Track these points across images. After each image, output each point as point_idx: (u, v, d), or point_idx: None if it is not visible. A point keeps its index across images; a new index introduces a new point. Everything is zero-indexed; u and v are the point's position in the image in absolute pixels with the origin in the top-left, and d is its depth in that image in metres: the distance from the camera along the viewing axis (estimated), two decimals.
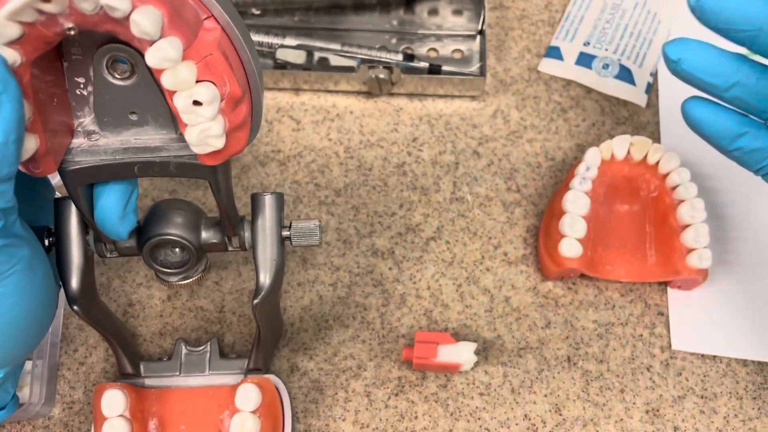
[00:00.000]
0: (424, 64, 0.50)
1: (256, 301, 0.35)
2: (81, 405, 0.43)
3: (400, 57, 0.50)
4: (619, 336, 0.44)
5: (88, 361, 0.44)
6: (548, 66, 0.52)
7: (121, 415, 0.37)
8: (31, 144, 0.26)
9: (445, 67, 0.50)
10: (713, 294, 0.45)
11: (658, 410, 0.42)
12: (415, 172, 0.49)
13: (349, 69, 0.49)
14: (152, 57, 0.24)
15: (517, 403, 0.43)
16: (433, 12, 0.53)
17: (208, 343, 0.42)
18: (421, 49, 0.52)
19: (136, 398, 0.38)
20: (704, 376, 0.43)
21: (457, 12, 0.53)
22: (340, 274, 0.46)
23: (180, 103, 0.25)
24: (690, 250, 0.43)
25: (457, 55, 0.52)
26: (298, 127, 0.50)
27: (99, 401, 0.37)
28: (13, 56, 0.24)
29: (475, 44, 0.52)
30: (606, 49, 0.52)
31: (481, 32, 0.51)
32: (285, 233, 0.35)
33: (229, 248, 0.36)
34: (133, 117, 0.29)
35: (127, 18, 0.23)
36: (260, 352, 0.40)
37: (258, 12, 0.52)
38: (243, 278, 0.46)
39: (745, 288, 0.45)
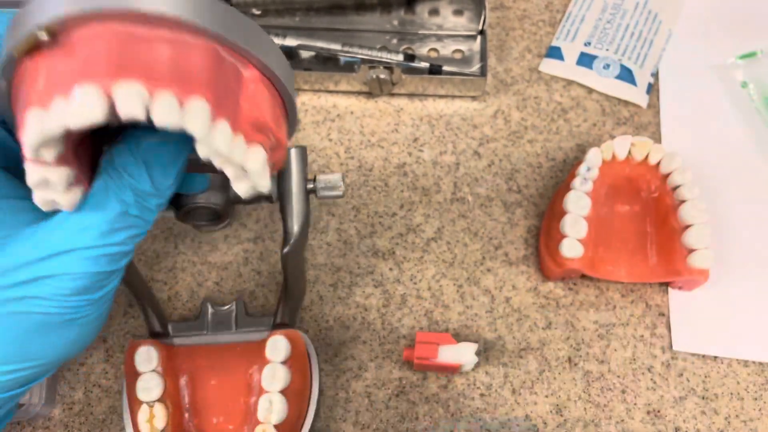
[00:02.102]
0: (424, 65, 0.50)
1: (286, 250, 0.36)
2: (81, 406, 0.42)
3: (400, 57, 0.50)
4: (620, 337, 0.44)
5: (88, 361, 0.44)
6: (549, 66, 0.52)
7: (154, 370, 0.38)
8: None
9: (445, 68, 0.50)
10: (714, 295, 0.45)
11: (659, 411, 0.42)
12: (415, 173, 0.49)
13: (350, 69, 0.49)
14: (203, 151, 0.24)
15: (518, 403, 0.43)
16: (434, 12, 0.53)
17: (234, 303, 0.42)
18: (422, 50, 0.52)
19: (166, 356, 0.39)
20: (705, 377, 0.43)
21: (458, 12, 0.53)
22: (340, 275, 0.46)
23: (230, 172, 0.25)
24: (691, 251, 0.43)
25: (458, 56, 0.52)
26: (299, 127, 0.50)
27: (132, 357, 0.38)
28: (61, 176, 0.24)
29: (476, 44, 0.52)
30: (607, 50, 0.52)
31: (482, 32, 0.51)
32: (310, 186, 0.36)
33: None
34: None
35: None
36: (287, 306, 0.40)
37: (259, 12, 0.52)
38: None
39: (746, 289, 0.45)
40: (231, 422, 0.38)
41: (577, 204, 0.43)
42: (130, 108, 0.22)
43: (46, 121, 0.22)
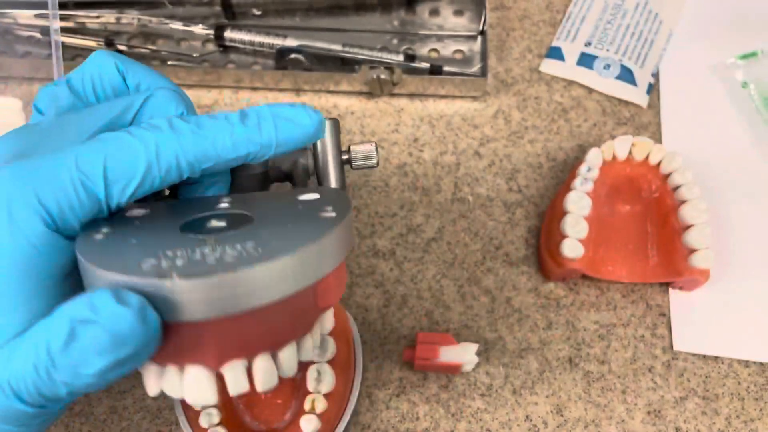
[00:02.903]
0: (425, 65, 0.50)
1: None
2: (81, 406, 0.42)
3: (401, 57, 0.50)
4: (621, 337, 0.44)
5: None
6: (549, 66, 0.52)
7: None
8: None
9: (446, 68, 0.50)
10: (715, 295, 0.45)
11: (659, 411, 0.42)
12: (416, 173, 0.49)
13: (351, 69, 0.49)
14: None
15: (518, 404, 0.43)
16: (434, 12, 0.53)
17: None
18: (423, 50, 0.52)
19: None
20: (706, 377, 0.43)
21: (458, 12, 0.53)
22: None
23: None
24: (692, 251, 0.43)
25: (458, 56, 0.52)
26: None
27: None
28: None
29: (476, 45, 0.52)
30: (607, 50, 0.52)
31: (483, 32, 0.51)
32: (344, 157, 0.36)
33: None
34: None
35: None
36: None
37: (259, 12, 0.52)
38: None
39: (747, 288, 0.45)
40: (279, 397, 0.39)
41: (578, 204, 0.43)
42: (238, 386, 0.24)
43: (166, 388, 0.24)
